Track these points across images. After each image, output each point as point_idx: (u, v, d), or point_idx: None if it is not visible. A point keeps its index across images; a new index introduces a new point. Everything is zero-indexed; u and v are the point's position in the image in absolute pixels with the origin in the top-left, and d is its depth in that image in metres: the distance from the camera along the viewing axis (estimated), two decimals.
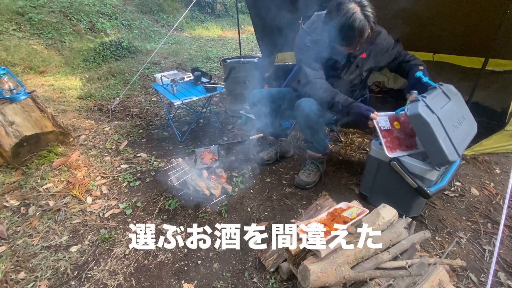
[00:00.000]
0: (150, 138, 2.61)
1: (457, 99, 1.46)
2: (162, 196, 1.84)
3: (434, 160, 1.31)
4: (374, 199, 1.66)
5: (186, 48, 6.11)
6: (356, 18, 1.32)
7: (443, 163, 1.31)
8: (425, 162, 1.39)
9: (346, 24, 1.34)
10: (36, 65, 4.32)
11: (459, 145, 1.29)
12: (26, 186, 1.92)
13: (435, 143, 1.23)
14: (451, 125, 1.30)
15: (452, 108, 1.37)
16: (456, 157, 1.26)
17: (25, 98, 2.14)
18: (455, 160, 1.26)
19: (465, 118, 1.43)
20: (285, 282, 1.26)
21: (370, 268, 1.01)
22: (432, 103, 1.29)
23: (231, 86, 2.84)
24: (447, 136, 1.25)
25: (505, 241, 1.44)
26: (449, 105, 1.37)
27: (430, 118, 1.24)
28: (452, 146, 1.26)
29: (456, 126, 1.34)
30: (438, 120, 1.25)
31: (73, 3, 5.97)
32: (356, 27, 1.33)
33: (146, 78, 4.29)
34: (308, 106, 1.61)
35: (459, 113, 1.41)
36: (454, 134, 1.29)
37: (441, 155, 1.24)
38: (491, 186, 1.83)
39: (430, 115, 1.24)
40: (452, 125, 1.31)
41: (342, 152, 2.28)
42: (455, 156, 1.25)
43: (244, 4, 6.59)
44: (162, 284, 1.29)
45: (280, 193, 1.84)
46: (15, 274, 1.35)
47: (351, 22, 1.32)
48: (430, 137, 1.24)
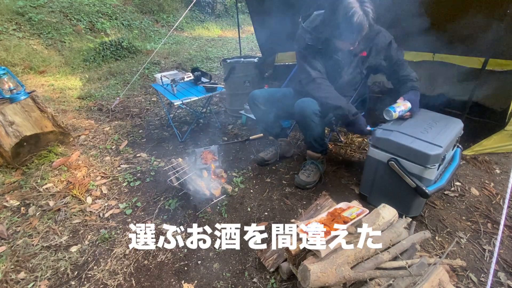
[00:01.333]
0: (150, 138, 2.61)
1: (420, 114, 1.65)
2: (162, 196, 1.84)
3: (420, 161, 1.37)
4: (374, 199, 1.66)
5: (186, 48, 6.12)
6: (355, 13, 1.34)
7: (430, 160, 1.34)
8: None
9: (345, 19, 1.35)
10: (36, 65, 4.33)
11: (436, 139, 1.39)
12: (26, 186, 1.92)
13: (407, 148, 1.38)
14: (419, 131, 1.47)
15: (415, 120, 1.58)
16: (437, 149, 1.34)
17: (25, 98, 2.14)
18: (438, 152, 1.33)
19: (436, 121, 1.57)
20: (285, 282, 1.26)
21: (370, 268, 1.01)
22: (387, 127, 1.54)
23: (231, 86, 2.84)
24: (415, 138, 1.41)
25: (505, 241, 1.44)
26: (411, 120, 1.58)
27: (390, 134, 1.46)
28: (427, 143, 1.37)
29: (426, 129, 1.49)
30: (399, 132, 1.46)
31: (73, 3, 5.98)
32: (355, 21, 1.34)
33: (146, 78, 4.29)
34: (308, 106, 1.61)
35: (426, 120, 1.58)
36: (426, 135, 1.43)
37: (420, 154, 1.35)
38: (491, 186, 1.83)
39: (389, 133, 1.48)
40: (421, 130, 1.47)
41: (342, 152, 2.28)
42: (435, 149, 1.34)
43: (244, 4, 6.58)
44: (162, 284, 1.29)
45: (280, 193, 1.84)
46: (15, 274, 1.35)
47: (350, 16, 1.34)
48: (399, 147, 1.42)
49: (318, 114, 1.63)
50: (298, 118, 1.67)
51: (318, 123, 1.65)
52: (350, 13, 1.34)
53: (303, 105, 1.62)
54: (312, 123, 1.63)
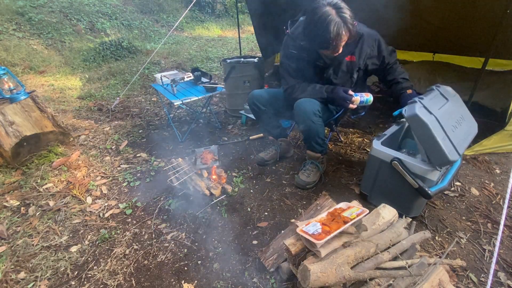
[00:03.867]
0: (150, 138, 2.61)
1: (455, 100, 1.47)
2: (162, 196, 1.84)
3: (434, 160, 1.31)
4: (375, 198, 1.66)
5: (186, 48, 6.12)
6: (332, 20, 1.32)
7: (444, 163, 1.31)
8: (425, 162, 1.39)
9: (322, 28, 1.34)
10: (36, 65, 4.33)
11: (459, 144, 1.30)
12: (26, 186, 1.92)
13: (435, 144, 1.25)
14: (450, 125, 1.31)
15: (451, 109, 1.38)
16: (456, 157, 1.26)
17: (25, 98, 2.14)
18: (455, 159, 1.26)
19: (464, 118, 1.44)
20: (285, 282, 1.26)
21: (370, 268, 1.01)
22: (429, 104, 1.30)
23: (231, 86, 2.84)
24: (446, 136, 1.26)
25: (505, 241, 1.44)
26: (447, 106, 1.38)
27: (428, 118, 1.25)
28: (452, 146, 1.27)
29: (455, 126, 1.35)
30: (436, 120, 1.26)
31: (73, 3, 5.98)
32: (332, 30, 1.33)
33: (146, 78, 4.29)
34: (308, 106, 1.61)
35: (458, 114, 1.42)
36: (453, 134, 1.30)
37: (441, 155, 1.25)
38: (491, 186, 1.83)
39: (428, 116, 1.26)
40: (451, 125, 1.32)
41: (342, 152, 2.28)
42: (455, 156, 1.26)
43: (244, 4, 6.59)
44: (162, 284, 1.29)
45: (280, 193, 1.84)
46: (15, 274, 1.35)
47: (327, 25, 1.33)
48: (429, 137, 1.25)
49: (318, 114, 1.63)
50: (298, 118, 1.67)
51: (318, 123, 1.65)
52: (326, 22, 1.33)
53: (303, 105, 1.62)
54: (312, 124, 1.63)
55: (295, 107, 1.67)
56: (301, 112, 1.63)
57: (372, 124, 2.69)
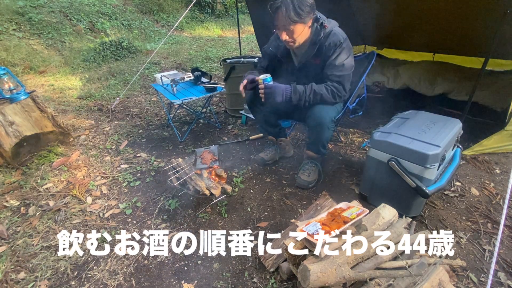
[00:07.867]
0: (150, 138, 2.61)
1: (418, 116, 1.70)
2: (162, 196, 1.84)
3: (420, 161, 1.38)
4: (374, 199, 1.66)
5: (186, 48, 6.12)
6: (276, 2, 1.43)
7: (428, 160, 1.35)
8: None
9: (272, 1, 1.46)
10: (36, 65, 4.33)
11: (434, 139, 1.42)
12: (26, 186, 1.92)
13: (407, 150, 1.40)
14: (417, 132, 1.50)
15: (412, 123, 1.62)
16: (436, 149, 1.36)
17: (25, 98, 2.14)
18: (436, 152, 1.35)
19: (435, 122, 1.60)
20: (285, 282, 1.26)
21: (370, 268, 1.01)
22: (385, 129, 1.58)
23: (231, 86, 2.84)
24: (414, 139, 1.44)
25: (505, 241, 1.44)
26: (409, 122, 1.63)
27: (388, 137, 1.49)
28: (426, 143, 1.40)
29: (424, 130, 1.52)
30: (396, 134, 1.50)
31: (73, 3, 5.98)
32: (272, 4, 1.44)
33: (146, 78, 4.29)
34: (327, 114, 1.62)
35: (425, 121, 1.62)
36: (424, 136, 1.46)
37: (419, 154, 1.37)
38: (491, 186, 1.83)
39: (387, 136, 1.51)
40: (418, 132, 1.50)
41: (342, 152, 2.28)
42: (434, 149, 1.36)
43: (244, 4, 6.59)
44: (162, 284, 1.29)
45: (280, 193, 1.84)
46: (15, 274, 1.35)
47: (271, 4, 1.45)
48: (398, 149, 1.43)
49: (335, 121, 1.67)
50: (314, 123, 1.65)
51: (331, 130, 1.69)
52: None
53: (322, 113, 1.61)
54: (327, 130, 1.66)
55: (312, 113, 1.64)
56: (319, 120, 1.62)
57: (372, 124, 2.69)
